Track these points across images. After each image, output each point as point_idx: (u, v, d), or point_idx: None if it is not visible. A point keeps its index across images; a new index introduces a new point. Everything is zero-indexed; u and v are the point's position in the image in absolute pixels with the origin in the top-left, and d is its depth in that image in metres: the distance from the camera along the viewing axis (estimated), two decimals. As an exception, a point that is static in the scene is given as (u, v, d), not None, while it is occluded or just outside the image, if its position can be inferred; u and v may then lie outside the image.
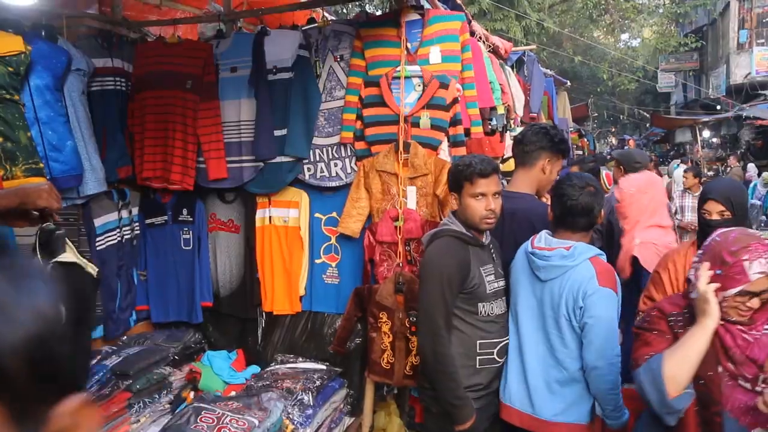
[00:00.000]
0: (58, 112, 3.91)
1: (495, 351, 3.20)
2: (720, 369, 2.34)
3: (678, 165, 18.35)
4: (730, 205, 3.23)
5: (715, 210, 3.27)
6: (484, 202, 3.12)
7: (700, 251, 2.44)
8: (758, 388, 2.29)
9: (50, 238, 2.91)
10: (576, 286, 2.93)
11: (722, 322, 2.32)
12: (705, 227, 3.28)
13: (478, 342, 3.16)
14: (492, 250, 3.31)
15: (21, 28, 3.89)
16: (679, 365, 2.27)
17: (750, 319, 2.33)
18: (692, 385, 2.32)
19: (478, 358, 3.16)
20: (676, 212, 9.14)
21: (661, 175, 11.63)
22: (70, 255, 2.97)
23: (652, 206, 4.99)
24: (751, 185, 13.55)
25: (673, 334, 2.43)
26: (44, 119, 3.79)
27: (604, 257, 3.05)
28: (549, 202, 3.57)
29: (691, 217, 9.06)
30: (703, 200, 3.36)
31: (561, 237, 3.08)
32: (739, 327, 2.33)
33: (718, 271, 2.29)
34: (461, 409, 3.03)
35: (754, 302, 2.27)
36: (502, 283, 3.28)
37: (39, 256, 2.93)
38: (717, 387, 2.33)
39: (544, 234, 3.16)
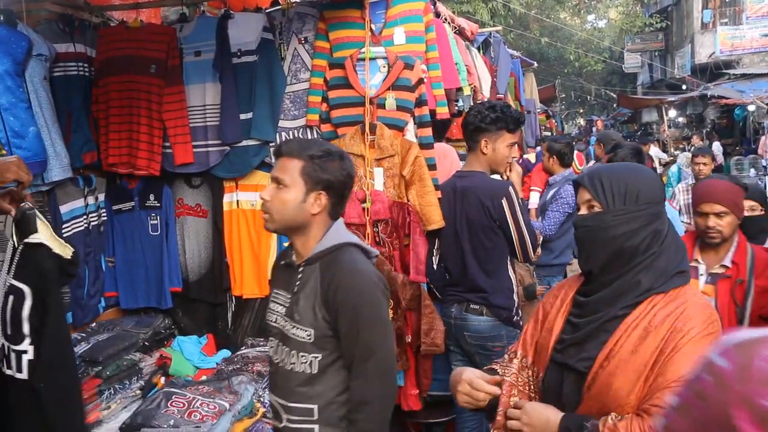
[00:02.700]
0: (20, 98, 3.85)
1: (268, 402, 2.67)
2: None
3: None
4: (601, 190, 2.07)
5: (582, 200, 2.15)
6: None
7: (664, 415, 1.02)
8: None
9: (22, 218, 2.90)
10: None
11: None
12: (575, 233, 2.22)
13: None
14: (300, 278, 2.44)
15: (-22, 13, 3.84)
16: None
17: None
18: None
19: None
20: (680, 212, 7.18)
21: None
22: (40, 235, 2.95)
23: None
24: (675, 170, 11.14)
25: None
26: (5, 105, 3.73)
27: None
28: (506, 179, 3.80)
29: None
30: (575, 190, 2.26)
31: None
32: None
33: None
34: None
35: None
36: (287, 325, 2.44)
37: (14, 237, 2.91)
38: None
39: None
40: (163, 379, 4.20)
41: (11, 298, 2.87)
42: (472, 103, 5.75)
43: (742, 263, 3.20)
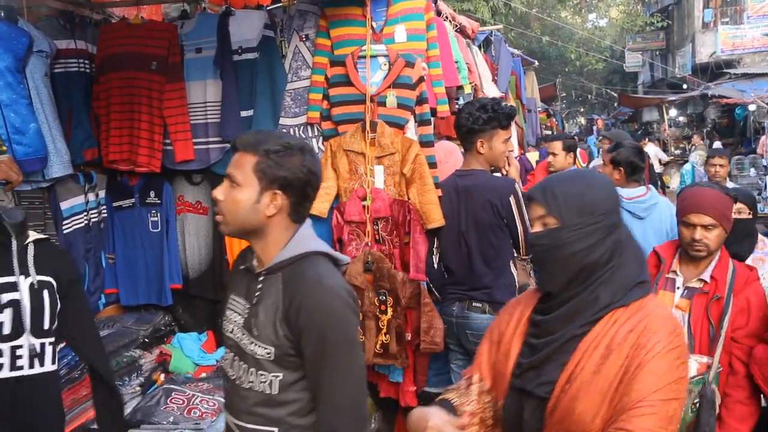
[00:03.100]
0: (21, 94, 3.85)
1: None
2: None
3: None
4: (555, 204, 1.90)
5: (536, 215, 1.96)
6: None
7: None
8: None
9: (20, 219, 2.90)
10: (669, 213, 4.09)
11: None
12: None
13: None
14: (260, 288, 2.14)
15: (-21, 9, 3.84)
16: None
17: None
18: None
19: None
20: None
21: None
22: (36, 233, 2.96)
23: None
24: (689, 168, 11.18)
25: None
26: (6, 101, 3.74)
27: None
28: (505, 173, 3.87)
29: None
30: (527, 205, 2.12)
31: (617, 184, 3.75)
32: None
33: None
34: None
35: None
36: (244, 339, 2.13)
37: (13, 237, 2.91)
38: None
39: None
40: (162, 376, 4.20)
41: (46, 293, 2.88)
42: (472, 102, 5.77)
43: (721, 279, 3.01)
